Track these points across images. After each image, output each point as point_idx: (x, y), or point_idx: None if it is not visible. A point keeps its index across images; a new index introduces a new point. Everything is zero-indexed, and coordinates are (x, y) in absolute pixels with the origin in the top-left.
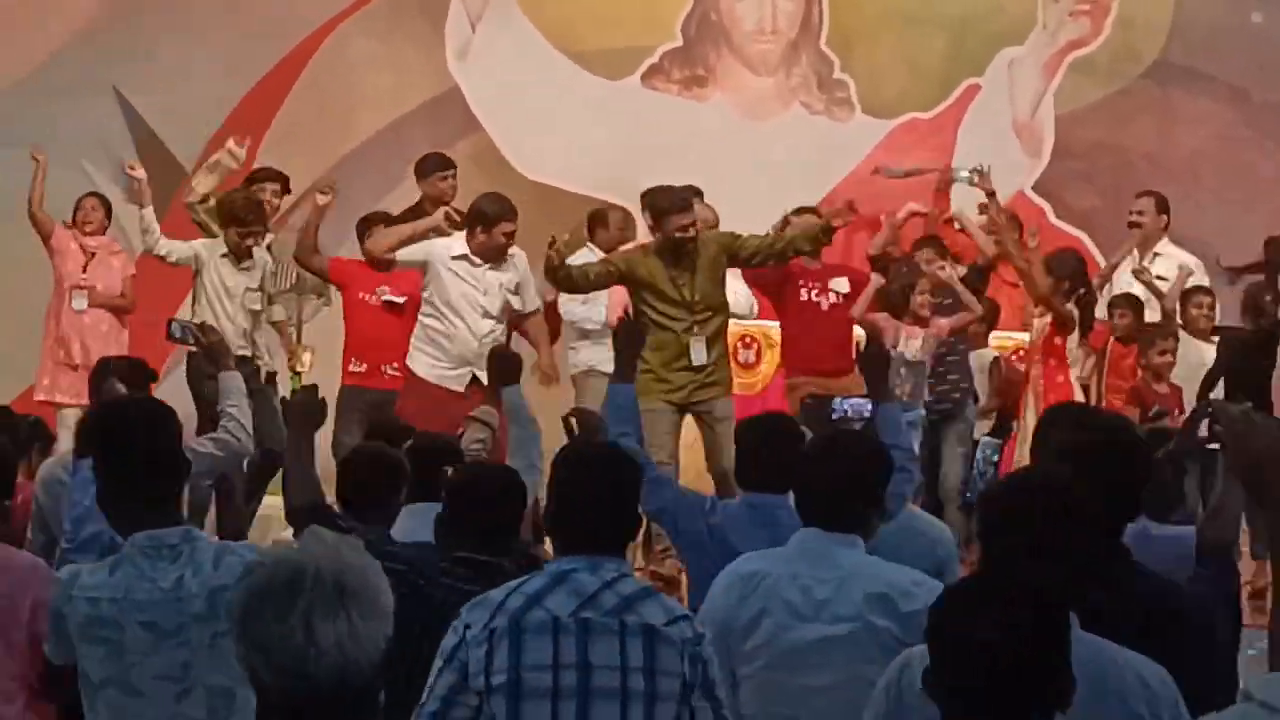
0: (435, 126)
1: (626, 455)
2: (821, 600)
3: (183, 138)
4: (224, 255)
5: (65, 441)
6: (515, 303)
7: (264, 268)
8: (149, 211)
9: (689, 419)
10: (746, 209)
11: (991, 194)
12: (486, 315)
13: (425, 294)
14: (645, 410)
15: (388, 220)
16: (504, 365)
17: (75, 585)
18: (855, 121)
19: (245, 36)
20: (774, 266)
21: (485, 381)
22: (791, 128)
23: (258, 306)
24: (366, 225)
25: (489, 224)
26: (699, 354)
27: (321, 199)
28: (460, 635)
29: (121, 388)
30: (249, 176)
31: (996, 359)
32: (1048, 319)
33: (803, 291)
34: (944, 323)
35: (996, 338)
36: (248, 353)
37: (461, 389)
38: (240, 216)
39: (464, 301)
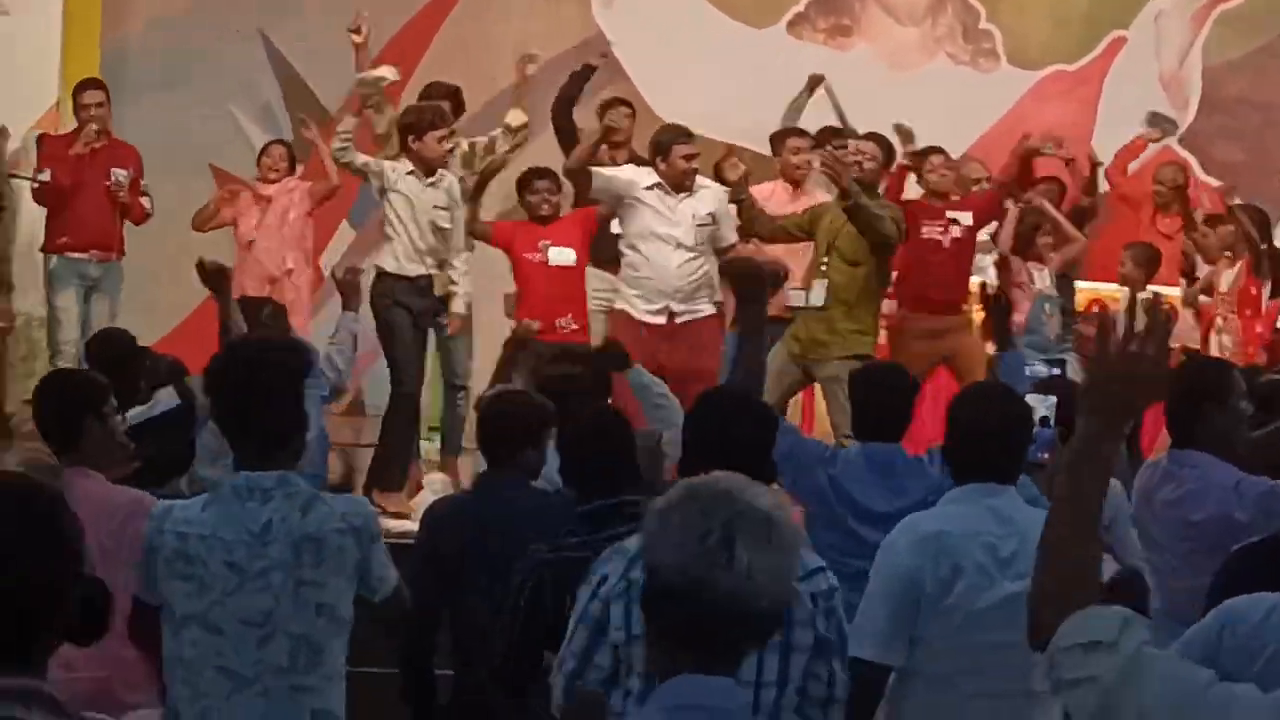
0: None
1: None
2: (1006, 557)
3: (328, 83)
4: (410, 173)
5: None
6: (710, 235)
7: (451, 186)
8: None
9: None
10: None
11: (1070, 160)
12: (680, 246)
13: (621, 228)
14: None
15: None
16: (612, 357)
17: (168, 519)
18: (1000, 73)
19: None
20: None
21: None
22: (935, 78)
23: (446, 225)
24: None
25: (665, 152)
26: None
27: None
28: (594, 588)
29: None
30: (423, 93)
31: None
32: (1238, 268)
33: (924, 229)
34: (1056, 257)
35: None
36: (435, 272)
37: (661, 323)
38: (432, 120)
39: (654, 233)
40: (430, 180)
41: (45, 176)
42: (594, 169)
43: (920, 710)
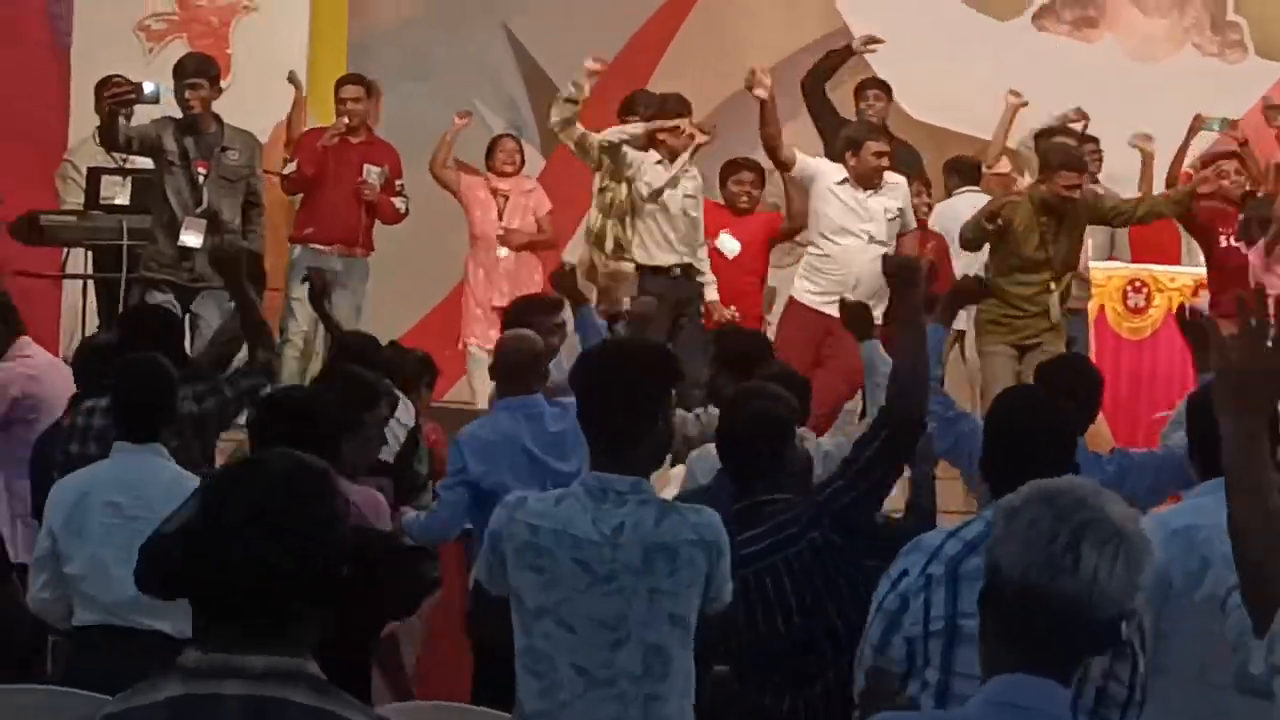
0: None
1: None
2: None
3: (571, 74)
4: (658, 162)
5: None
6: (898, 229)
7: (697, 175)
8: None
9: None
10: (1134, 152)
11: (1244, 143)
12: (872, 241)
13: (811, 219)
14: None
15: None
16: (857, 317)
17: (520, 509)
18: (1248, 64)
19: None
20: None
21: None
22: (1182, 69)
23: (695, 213)
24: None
25: (856, 147)
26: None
27: (701, 138)
28: (894, 582)
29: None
30: (623, 105)
31: None
32: None
33: (1221, 238)
34: None
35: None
36: (690, 261)
37: (835, 314)
38: (677, 109)
39: (844, 227)
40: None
41: (291, 168)
42: (798, 153)
43: (1169, 702)
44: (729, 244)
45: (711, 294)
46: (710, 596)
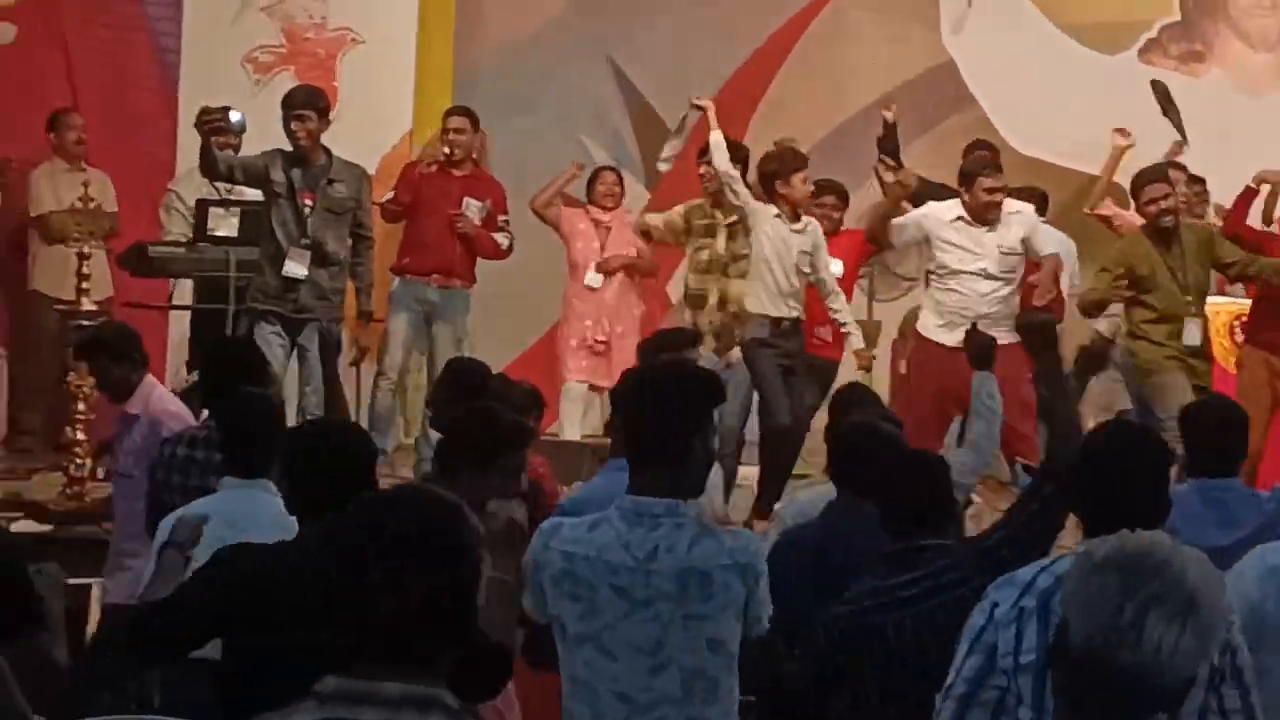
0: (928, 99)
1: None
2: None
3: (676, 108)
4: (776, 215)
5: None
6: (1017, 263)
7: (815, 230)
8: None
9: None
10: (1240, 186)
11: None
12: (988, 277)
13: (930, 265)
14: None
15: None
16: (980, 348)
17: (555, 537)
18: None
19: (742, 7)
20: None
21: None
22: None
23: (807, 269)
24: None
25: (969, 182)
26: (1192, 335)
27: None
28: (988, 614)
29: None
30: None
31: None
32: None
33: None
34: None
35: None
36: (799, 314)
37: (957, 346)
38: (794, 164)
39: (960, 264)
40: (796, 227)
41: (389, 196)
42: (892, 221)
43: None
44: (834, 267)
45: (856, 342)
46: (750, 620)
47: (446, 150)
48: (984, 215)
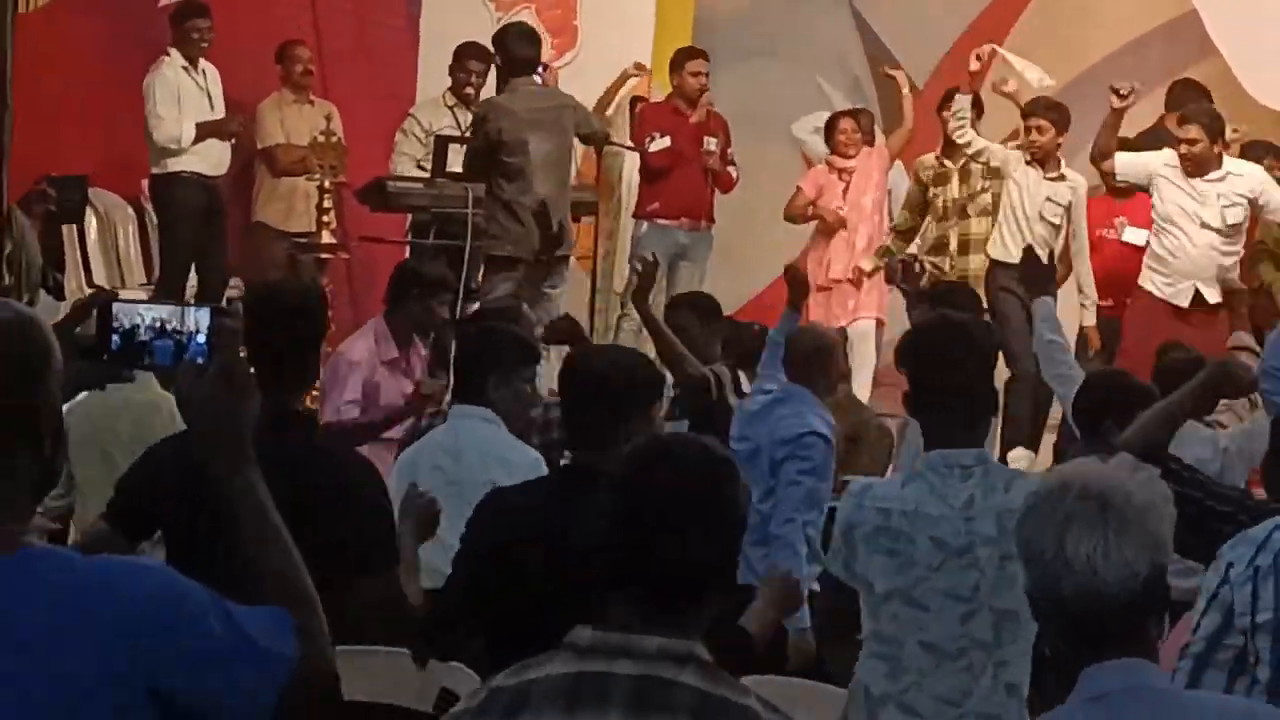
0: (1170, 50)
1: None
2: None
3: (916, 55)
4: (1028, 162)
5: None
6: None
7: (1078, 183)
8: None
9: None
10: None
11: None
12: (1205, 227)
13: (1153, 211)
14: None
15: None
16: (1035, 273)
17: (867, 496)
18: None
19: None
20: None
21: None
22: None
23: (1057, 221)
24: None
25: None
26: None
27: None
28: (1223, 574)
29: None
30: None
31: None
32: None
33: None
34: None
35: None
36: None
37: (1185, 304)
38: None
39: (1180, 213)
40: (1050, 175)
41: (666, 142)
42: (1118, 156)
43: None
44: (1133, 235)
45: (1089, 318)
46: None
47: (698, 92)
48: (1194, 165)
